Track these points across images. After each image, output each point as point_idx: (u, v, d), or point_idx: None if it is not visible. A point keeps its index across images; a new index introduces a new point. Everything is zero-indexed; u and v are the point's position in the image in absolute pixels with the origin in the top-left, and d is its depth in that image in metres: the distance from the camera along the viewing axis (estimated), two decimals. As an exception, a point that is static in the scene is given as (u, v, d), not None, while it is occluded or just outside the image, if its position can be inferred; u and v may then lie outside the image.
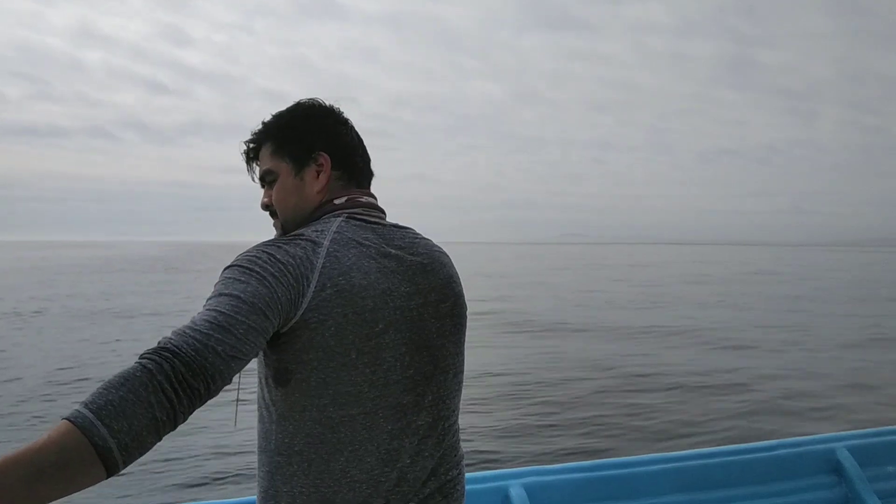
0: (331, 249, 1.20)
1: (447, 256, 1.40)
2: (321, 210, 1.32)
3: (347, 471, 1.18)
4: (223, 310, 1.05)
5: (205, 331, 1.01)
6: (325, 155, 1.34)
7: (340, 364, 1.17)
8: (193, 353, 0.98)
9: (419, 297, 1.27)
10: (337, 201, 1.33)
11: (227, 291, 1.09)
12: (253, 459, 1.37)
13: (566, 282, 35.80)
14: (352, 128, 1.40)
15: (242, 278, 1.10)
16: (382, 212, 1.38)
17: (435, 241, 1.41)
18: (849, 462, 2.75)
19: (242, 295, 1.08)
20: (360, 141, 1.42)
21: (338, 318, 1.16)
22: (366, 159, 1.41)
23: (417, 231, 1.40)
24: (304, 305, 1.14)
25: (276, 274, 1.12)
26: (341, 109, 1.41)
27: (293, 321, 1.15)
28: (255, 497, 1.30)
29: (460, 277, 1.42)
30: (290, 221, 1.34)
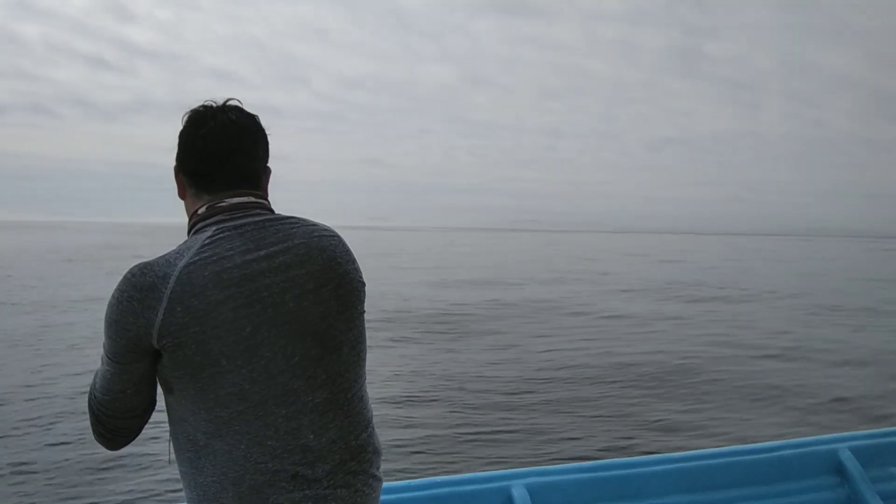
0: (183, 273, 1.25)
1: (332, 238, 1.40)
2: (191, 224, 1.38)
3: (250, 455, 1.27)
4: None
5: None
6: (178, 168, 1.41)
7: (213, 373, 1.25)
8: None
9: (296, 288, 1.31)
10: (200, 211, 1.37)
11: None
12: None
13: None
14: (210, 128, 1.36)
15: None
16: (258, 207, 1.38)
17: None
18: (851, 463, 2.75)
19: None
20: (226, 136, 1.37)
21: (196, 336, 1.23)
22: (224, 159, 1.37)
23: (301, 218, 1.41)
24: (156, 334, 1.24)
25: (115, 321, 1.27)
26: (214, 103, 1.38)
27: (153, 347, 1.25)
28: None
29: (352, 255, 1.43)
30: None
